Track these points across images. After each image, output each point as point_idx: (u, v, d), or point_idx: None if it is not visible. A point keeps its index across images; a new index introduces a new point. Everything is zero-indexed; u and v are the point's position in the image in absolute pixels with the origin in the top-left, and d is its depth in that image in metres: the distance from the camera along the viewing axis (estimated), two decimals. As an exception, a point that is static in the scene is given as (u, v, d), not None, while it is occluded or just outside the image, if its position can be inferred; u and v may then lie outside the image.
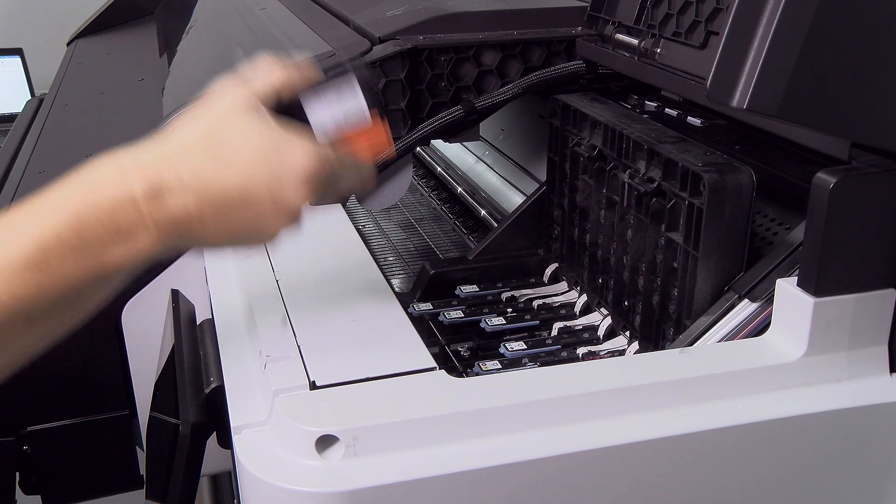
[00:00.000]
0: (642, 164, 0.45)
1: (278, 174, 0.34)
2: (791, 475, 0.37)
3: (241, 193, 0.34)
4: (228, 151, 0.34)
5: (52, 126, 0.65)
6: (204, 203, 0.33)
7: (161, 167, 0.33)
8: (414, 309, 0.52)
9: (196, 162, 0.33)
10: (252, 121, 0.35)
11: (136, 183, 0.32)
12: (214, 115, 0.35)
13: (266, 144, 0.34)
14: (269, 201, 0.34)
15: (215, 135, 0.34)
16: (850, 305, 0.37)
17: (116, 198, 0.32)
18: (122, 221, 0.32)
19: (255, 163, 0.34)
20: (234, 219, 0.34)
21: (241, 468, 0.33)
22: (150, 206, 0.32)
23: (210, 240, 0.35)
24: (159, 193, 0.32)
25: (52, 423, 0.52)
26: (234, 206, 0.34)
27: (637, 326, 0.47)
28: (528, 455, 0.33)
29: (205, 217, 0.33)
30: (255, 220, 0.34)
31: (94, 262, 0.32)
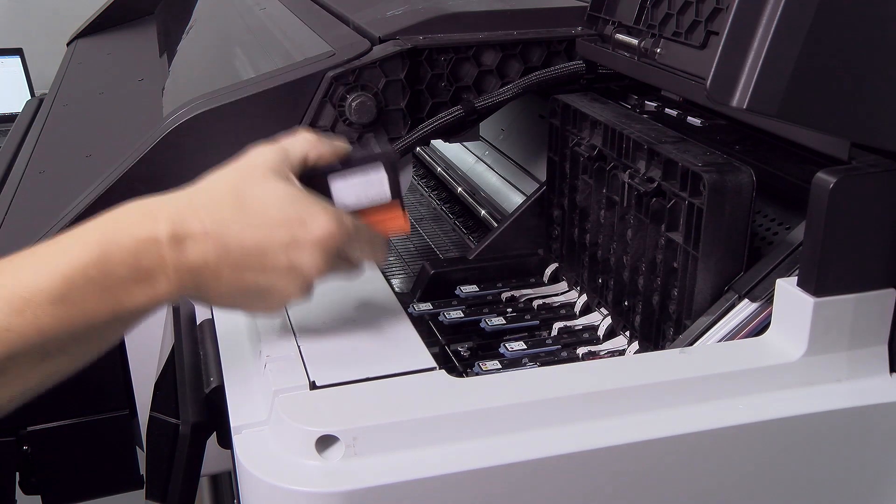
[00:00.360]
0: (642, 164, 0.45)
1: (297, 237, 0.35)
2: (791, 475, 0.37)
3: (259, 252, 0.35)
4: (253, 209, 0.35)
5: (52, 126, 0.65)
6: (222, 255, 0.34)
7: (187, 215, 0.34)
8: (414, 309, 0.52)
9: (221, 214, 0.34)
10: (280, 184, 0.36)
11: (163, 227, 0.33)
12: (244, 174, 0.36)
13: (289, 208, 0.35)
14: (284, 263, 0.35)
15: (242, 192, 0.35)
16: (850, 305, 0.37)
17: (142, 239, 0.33)
18: (145, 263, 0.33)
19: (276, 223, 0.35)
20: (248, 276, 0.35)
21: (241, 468, 0.33)
22: (172, 252, 0.33)
23: (222, 294, 0.36)
24: (183, 240, 0.34)
25: (52, 423, 0.52)
26: (250, 262, 0.35)
27: (637, 326, 0.47)
28: (528, 455, 0.33)
29: (221, 270, 0.34)
30: (268, 280, 0.35)
31: (114, 300, 0.33)
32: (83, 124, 0.67)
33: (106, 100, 0.68)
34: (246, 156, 0.37)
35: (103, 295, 0.32)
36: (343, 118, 0.55)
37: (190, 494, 0.39)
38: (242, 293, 0.36)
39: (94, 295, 0.32)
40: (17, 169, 0.59)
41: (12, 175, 0.59)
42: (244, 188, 0.35)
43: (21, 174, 0.58)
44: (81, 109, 0.69)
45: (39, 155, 0.60)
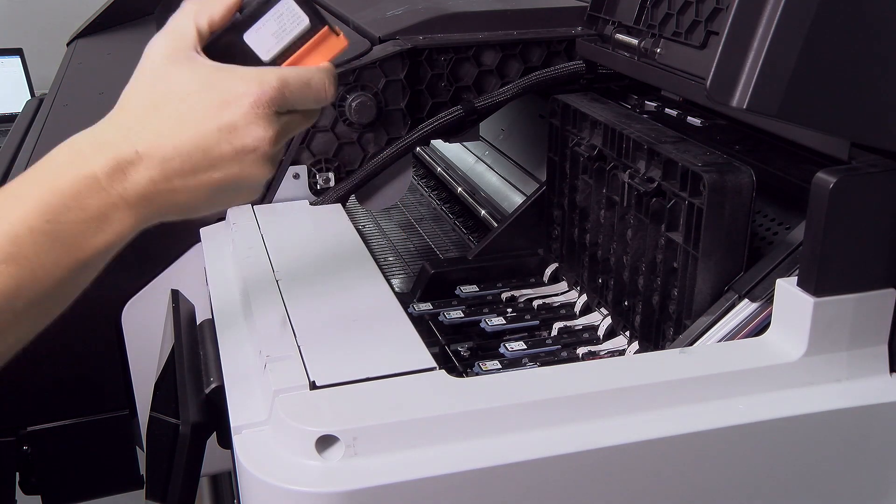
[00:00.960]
0: (642, 164, 0.45)
1: (227, 119, 0.33)
2: (791, 475, 0.37)
3: (199, 150, 0.32)
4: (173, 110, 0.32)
5: (52, 126, 0.65)
6: (166, 169, 0.32)
7: (116, 142, 0.32)
8: (414, 309, 0.52)
9: (146, 130, 0.32)
10: (187, 72, 0.33)
11: (96, 163, 0.32)
12: (150, 76, 0.34)
13: (205, 91, 0.33)
14: (229, 149, 0.33)
15: (155, 97, 0.33)
16: (850, 305, 0.37)
17: (79, 180, 0.31)
18: (92, 204, 0.31)
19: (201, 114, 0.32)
20: (202, 178, 0.33)
21: (241, 468, 0.33)
22: (115, 185, 0.32)
23: (186, 203, 0.34)
24: (121, 169, 0.32)
25: (52, 423, 0.52)
26: (196, 165, 0.33)
27: (637, 326, 0.47)
28: (528, 455, 0.33)
29: (172, 183, 0.32)
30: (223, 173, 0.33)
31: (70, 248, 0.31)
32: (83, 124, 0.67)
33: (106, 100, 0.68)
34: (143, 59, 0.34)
35: (55, 245, 0.31)
36: (343, 118, 0.55)
37: (190, 494, 0.39)
38: (206, 195, 0.34)
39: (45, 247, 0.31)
40: (17, 169, 0.59)
41: (12, 175, 0.59)
42: (155, 93, 0.33)
43: (21, 174, 0.57)
44: (81, 109, 0.69)
45: (39, 155, 0.60)
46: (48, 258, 0.31)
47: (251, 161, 0.33)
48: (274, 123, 0.34)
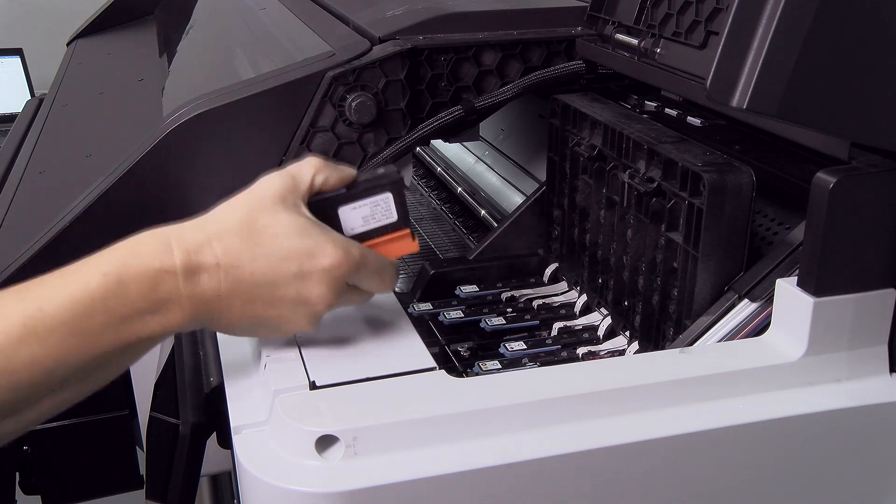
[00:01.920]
0: (642, 164, 0.45)
1: (306, 270, 0.36)
2: (791, 475, 0.37)
3: (270, 284, 0.35)
4: (263, 241, 0.35)
5: (52, 126, 0.65)
6: (234, 287, 0.35)
7: (202, 246, 0.35)
8: (414, 309, 0.52)
9: (233, 246, 0.35)
10: (289, 215, 0.36)
11: (178, 258, 0.34)
12: (255, 205, 0.36)
13: (298, 240, 0.36)
14: (293, 295, 0.36)
15: (253, 223, 0.36)
16: (850, 305, 0.37)
17: (158, 270, 0.34)
18: (161, 294, 0.34)
19: (286, 256, 0.35)
20: (258, 308, 0.36)
21: (241, 468, 0.33)
22: (186, 283, 0.34)
23: (232, 323, 0.36)
24: (197, 272, 0.34)
25: (51, 423, 0.52)
26: (261, 295, 0.35)
27: (637, 326, 0.47)
28: (528, 455, 0.33)
29: (232, 301, 0.35)
30: (277, 312, 0.36)
31: (129, 329, 0.33)
32: (83, 124, 0.67)
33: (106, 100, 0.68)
34: (256, 184, 0.38)
35: (119, 324, 0.33)
36: (343, 118, 0.55)
37: (190, 494, 0.39)
38: (251, 323, 0.36)
39: (110, 324, 0.33)
40: (17, 169, 0.59)
41: (12, 175, 0.59)
42: (255, 219, 0.36)
43: (21, 174, 0.58)
44: (81, 109, 0.69)
45: (39, 155, 0.60)
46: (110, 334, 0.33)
47: (303, 313, 0.36)
48: (338, 290, 0.37)
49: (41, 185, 0.58)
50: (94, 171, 0.51)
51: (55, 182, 0.59)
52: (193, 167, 0.50)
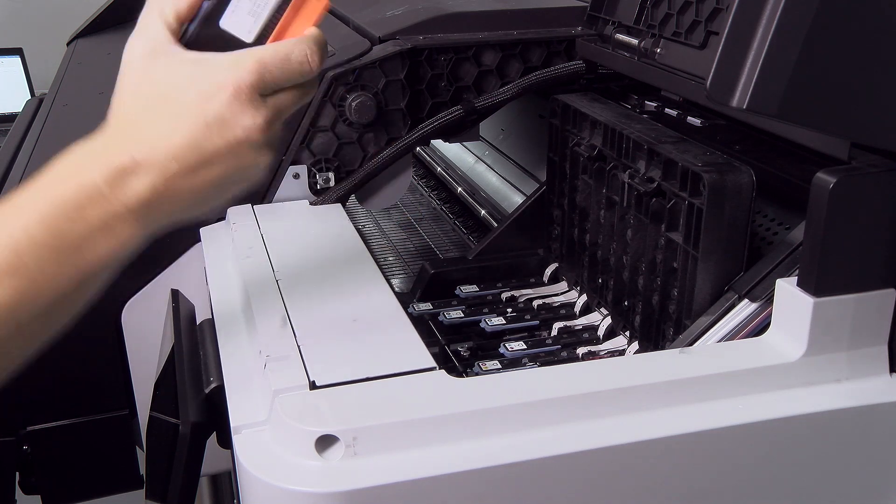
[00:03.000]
0: (642, 164, 0.45)
1: (215, 113, 0.32)
2: (791, 475, 0.37)
3: (193, 149, 0.32)
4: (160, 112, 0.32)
5: (52, 126, 0.65)
6: (165, 174, 0.32)
7: (112, 151, 0.32)
8: (414, 309, 0.52)
9: (139, 135, 0.32)
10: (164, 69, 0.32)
11: (96, 172, 0.31)
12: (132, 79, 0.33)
13: (186, 88, 0.32)
14: (221, 143, 0.32)
15: (141, 100, 0.32)
16: (850, 305, 0.37)
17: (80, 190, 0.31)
18: (94, 214, 0.31)
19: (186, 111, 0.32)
20: (202, 176, 0.32)
21: (241, 468, 0.33)
22: (116, 193, 0.31)
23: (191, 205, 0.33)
24: (120, 177, 0.31)
25: (51, 423, 0.52)
26: (192, 164, 0.32)
27: (637, 326, 0.47)
28: (528, 455, 0.33)
29: (174, 186, 0.32)
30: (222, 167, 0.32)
31: (74, 260, 0.31)
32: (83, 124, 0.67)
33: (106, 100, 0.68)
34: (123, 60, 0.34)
35: (60, 256, 0.31)
36: (343, 118, 0.55)
37: (190, 494, 0.39)
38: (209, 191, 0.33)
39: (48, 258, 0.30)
40: (16, 169, 0.59)
41: (12, 175, 0.59)
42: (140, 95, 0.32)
43: (21, 174, 0.58)
44: (81, 109, 0.69)
45: (39, 155, 0.60)
46: (51, 269, 0.31)
47: (246, 150, 0.33)
48: (261, 108, 0.33)
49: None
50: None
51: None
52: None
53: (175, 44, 0.33)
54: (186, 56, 0.33)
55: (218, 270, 0.49)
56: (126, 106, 0.33)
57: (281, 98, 0.34)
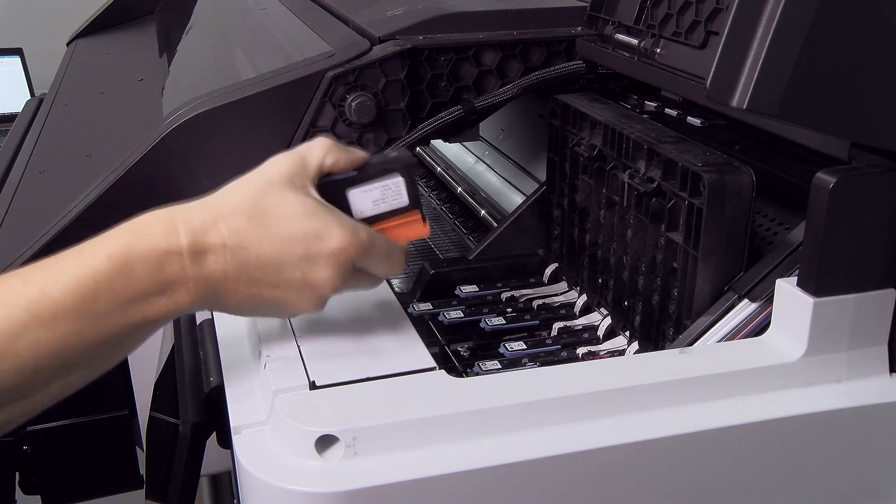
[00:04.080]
0: (642, 164, 0.45)
1: (313, 254, 0.35)
2: (791, 475, 0.37)
3: (276, 266, 0.35)
4: (270, 223, 0.35)
5: (52, 126, 0.65)
6: (240, 269, 0.34)
7: (208, 227, 0.34)
8: (414, 309, 0.52)
9: (239, 227, 0.35)
10: (297, 196, 0.36)
11: (185, 239, 0.34)
12: (263, 185, 0.36)
13: (306, 222, 0.35)
14: (299, 277, 0.35)
15: (261, 204, 0.35)
16: (849, 305, 0.37)
17: (164, 251, 0.33)
18: (167, 275, 0.33)
19: (293, 238, 0.35)
20: (263, 290, 0.35)
21: (241, 468, 0.33)
22: (192, 264, 0.34)
23: (238, 304, 0.36)
24: (203, 253, 0.34)
25: (51, 423, 0.52)
26: (266, 277, 0.35)
27: (637, 326, 0.47)
28: (528, 455, 0.33)
29: (238, 283, 0.35)
30: (282, 294, 0.36)
31: (135, 311, 0.33)
32: (83, 124, 0.67)
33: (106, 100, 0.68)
34: (265, 165, 0.37)
35: (125, 306, 0.33)
36: (343, 118, 0.55)
37: (190, 494, 0.39)
38: (256, 303, 0.36)
39: (116, 307, 0.32)
40: (16, 169, 0.59)
41: (12, 175, 0.59)
42: (262, 200, 0.35)
43: (21, 174, 0.58)
44: (81, 109, 0.69)
45: (39, 155, 0.60)
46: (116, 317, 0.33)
47: (308, 296, 0.36)
48: (345, 273, 0.36)
49: (41, 185, 0.58)
50: (94, 171, 0.51)
51: (55, 182, 0.59)
52: (193, 167, 0.50)
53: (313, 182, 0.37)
54: (318, 198, 0.37)
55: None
56: (240, 200, 0.35)
57: (359, 276, 0.38)
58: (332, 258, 0.35)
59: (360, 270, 0.37)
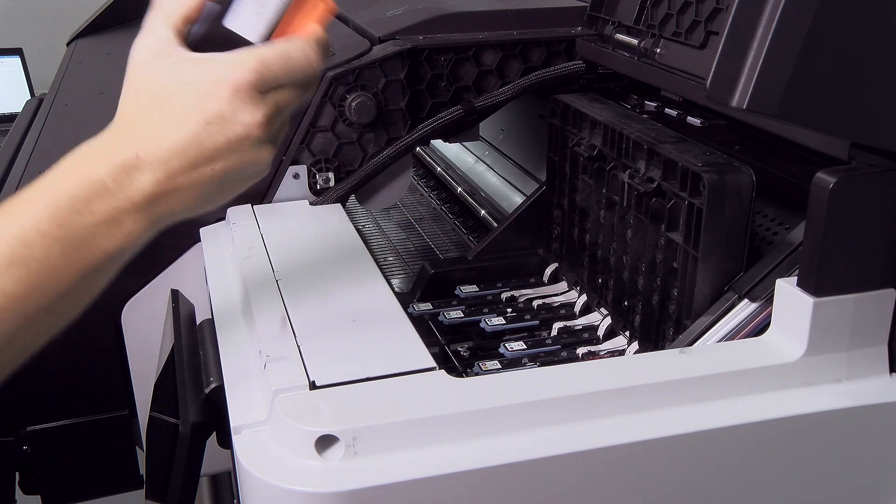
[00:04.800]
0: (642, 164, 0.45)
1: (215, 111, 0.32)
2: (791, 475, 0.37)
3: (194, 146, 0.33)
4: (163, 110, 0.33)
5: (51, 126, 0.65)
6: (168, 170, 0.32)
7: (117, 147, 0.33)
8: (414, 309, 0.52)
9: (143, 132, 0.33)
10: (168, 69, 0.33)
11: (102, 167, 0.32)
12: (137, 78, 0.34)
13: (187, 86, 0.33)
14: (222, 140, 0.33)
15: (145, 98, 0.33)
16: (849, 305, 0.37)
17: (87, 185, 0.32)
18: (101, 208, 0.32)
19: (187, 109, 0.32)
20: (204, 172, 0.33)
21: (241, 468, 0.33)
22: (121, 188, 0.32)
23: (195, 201, 0.34)
24: (125, 172, 0.32)
25: (51, 423, 0.52)
26: (194, 161, 0.33)
27: (637, 326, 0.47)
28: (528, 455, 0.33)
29: (177, 182, 0.33)
30: (222, 163, 0.33)
31: (81, 253, 0.32)
32: (83, 124, 0.67)
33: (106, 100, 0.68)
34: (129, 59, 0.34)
35: (66, 248, 0.31)
36: (343, 118, 0.55)
37: (190, 494, 0.39)
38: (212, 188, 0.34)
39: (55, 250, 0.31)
40: (16, 169, 0.59)
41: (12, 175, 0.59)
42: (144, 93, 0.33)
43: (21, 174, 0.58)
44: (81, 109, 0.69)
45: (39, 155, 0.60)
46: (58, 261, 0.32)
47: (248, 147, 0.33)
48: (260, 105, 0.33)
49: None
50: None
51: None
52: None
53: (179, 45, 0.34)
54: (189, 56, 0.34)
55: (218, 270, 0.49)
56: (130, 105, 0.34)
57: (281, 95, 0.34)
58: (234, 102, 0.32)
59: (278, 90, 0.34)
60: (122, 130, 0.33)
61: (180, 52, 0.34)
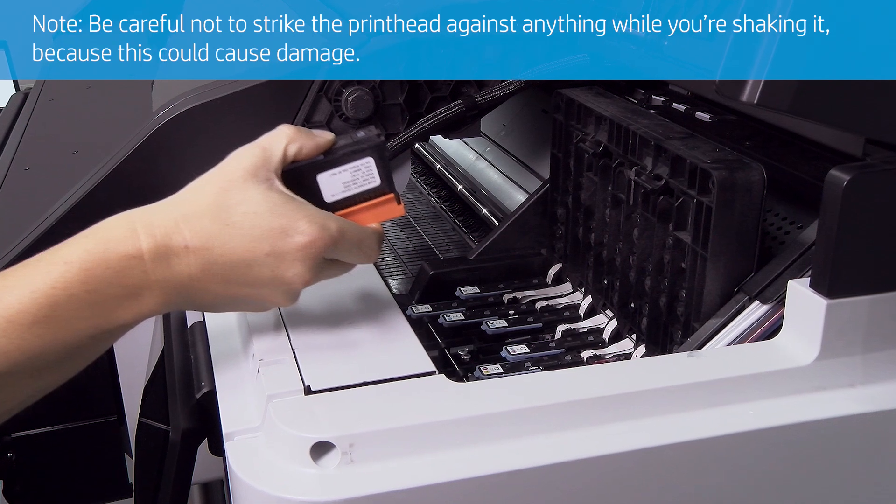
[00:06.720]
0: (649, 161, 0.44)
1: (281, 251, 0.35)
2: (803, 482, 0.37)
3: (244, 265, 0.35)
4: (235, 221, 0.35)
5: (37, 121, 0.64)
6: (207, 270, 0.35)
7: (170, 230, 0.34)
8: (412, 311, 0.51)
9: (203, 228, 0.35)
10: (262, 192, 0.35)
11: (145, 244, 0.34)
12: (226, 183, 0.36)
13: (272, 220, 0.35)
14: (269, 276, 0.35)
15: (224, 203, 0.35)
16: (864, 307, 0.36)
17: (126, 256, 0.33)
18: (130, 280, 0.34)
19: (260, 236, 0.35)
20: (234, 288, 0.35)
21: (234, 476, 0.33)
22: (156, 268, 0.34)
23: (209, 303, 0.36)
24: (166, 256, 0.34)
25: (37, 429, 0.51)
26: (236, 276, 0.35)
27: (644, 329, 0.46)
28: (530, 462, 0.33)
29: (207, 283, 0.35)
30: (254, 291, 0.36)
31: (100, 317, 0.33)
32: (70, 119, 0.66)
33: (94, 94, 0.67)
34: (227, 160, 0.37)
35: (88, 313, 0.33)
36: (339, 113, 0.54)
37: (181, 503, 0.38)
38: (228, 302, 0.36)
39: (78, 313, 0.33)
40: (1, 165, 0.58)
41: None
42: (225, 198, 0.35)
43: (5, 171, 0.57)
44: (68, 104, 0.68)
45: (25, 151, 0.59)
46: (79, 324, 0.33)
47: (281, 291, 0.36)
48: (315, 266, 0.36)
49: (26, 183, 0.57)
50: (82, 168, 0.51)
51: (41, 179, 0.58)
52: (184, 164, 0.49)
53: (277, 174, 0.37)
54: (283, 190, 0.36)
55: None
56: (204, 198, 0.35)
57: (332, 267, 0.38)
58: (301, 253, 0.35)
59: (331, 261, 0.37)
60: (182, 216, 0.35)
61: (278, 182, 0.36)
